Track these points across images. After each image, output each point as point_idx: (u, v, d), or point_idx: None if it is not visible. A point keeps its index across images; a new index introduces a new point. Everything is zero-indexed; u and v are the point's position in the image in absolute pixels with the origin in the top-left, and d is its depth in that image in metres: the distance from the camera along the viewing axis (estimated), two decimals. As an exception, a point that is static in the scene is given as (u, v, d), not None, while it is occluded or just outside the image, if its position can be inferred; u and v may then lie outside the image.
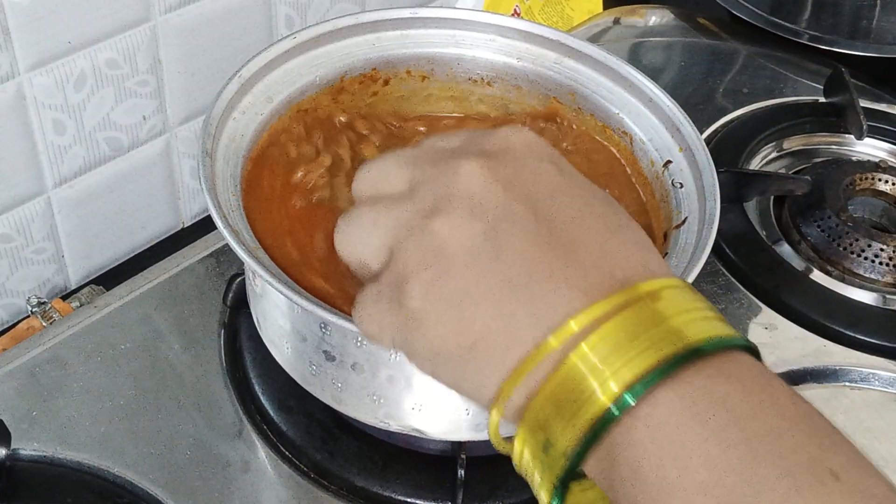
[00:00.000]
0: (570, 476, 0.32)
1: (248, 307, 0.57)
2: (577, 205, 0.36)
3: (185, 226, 0.82)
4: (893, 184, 0.79)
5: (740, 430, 0.30)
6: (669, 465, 0.30)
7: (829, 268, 0.74)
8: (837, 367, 0.66)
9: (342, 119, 0.59)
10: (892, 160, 0.85)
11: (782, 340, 0.68)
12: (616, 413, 0.31)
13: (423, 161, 0.38)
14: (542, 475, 0.33)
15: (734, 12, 0.99)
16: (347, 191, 0.53)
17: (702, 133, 0.64)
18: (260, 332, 0.55)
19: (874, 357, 0.67)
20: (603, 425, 0.31)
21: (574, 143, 0.60)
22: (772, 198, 0.79)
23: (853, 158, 0.85)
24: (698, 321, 0.33)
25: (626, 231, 0.36)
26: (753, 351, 0.33)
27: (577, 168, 0.39)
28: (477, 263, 0.34)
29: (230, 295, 0.62)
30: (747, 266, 0.72)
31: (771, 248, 0.75)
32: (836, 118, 0.86)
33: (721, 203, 0.51)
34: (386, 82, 0.60)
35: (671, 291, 0.34)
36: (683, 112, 0.55)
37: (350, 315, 0.43)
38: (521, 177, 0.36)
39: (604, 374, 0.32)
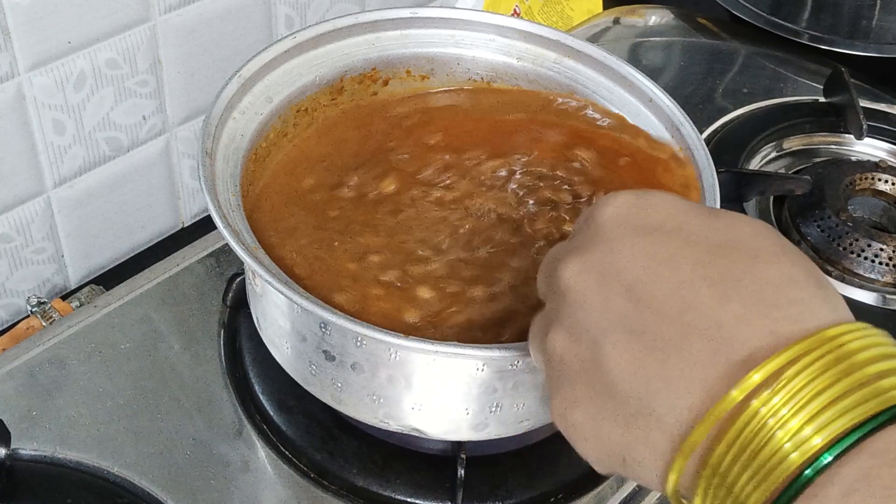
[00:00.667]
0: None
1: (248, 307, 0.57)
2: (685, 265, 0.33)
3: (185, 226, 0.82)
4: (893, 184, 0.79)
5: None
6: None
7: (828, 268, 0.74)
8: (837, 367, 0.66)
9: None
10: (892, 160, 0.85)
11: (782, 340, 0.68)
12: (811, 475, 0.29)
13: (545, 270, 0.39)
14: None
15: (734, 12, 0.99)
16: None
17: (701, 133, 0.64)
18: (260, 332, 0.55)
19: (874, 357, 0.67)
20: (798, 487, 0.29)
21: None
22: (771, 198, 0.80)
23: (853, 158, 0.85)
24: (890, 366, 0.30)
25: (772, 264, 0.33)
26: None
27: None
28: (592, 379, 0.34)
29: (230, 295, 0.62)
30: (747, 266, 0.72)
31: (771, 247, 0.74)
32: (835, 118, 0.86)
33: (721, 203, 0.51)
34: (386, 82, 0.60)
35: (858, 333, 0.30)
36: (683, 112, 0.55)
37: (352, 314, 0.44)
38: (612, 259, 0.34)
39: (804, 433, 0.29)
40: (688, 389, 0.31)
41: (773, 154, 0.84)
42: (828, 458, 0.28)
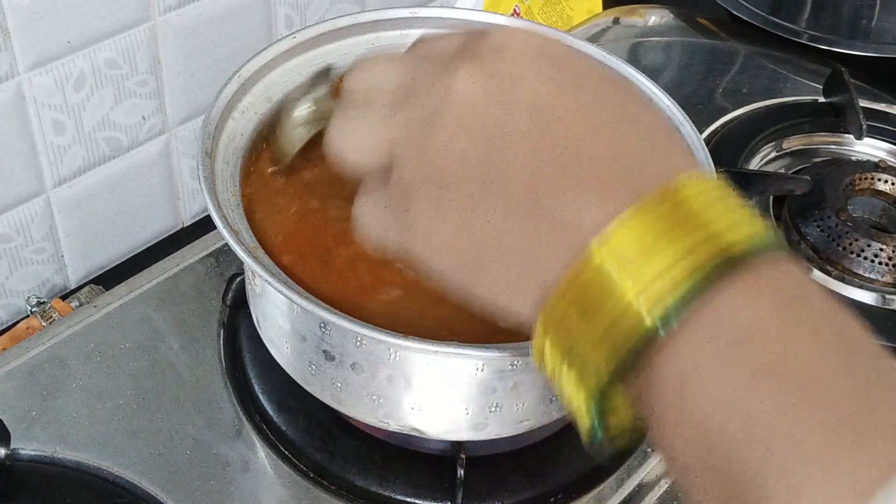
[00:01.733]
0: (606, 388, 0.31)
1: (248, 307, 0.57)
2: (584, 100, 0.33)
3: (185, 225, 0.82)
4: (893, 183, 0.79)
5: (776, 360, 0.28)
6: (694, 385, 0.29)
7: (828, 267, 0.74)
8: (837, 367, 0.66)
9: None
10: (892, 160, 0.85)
11: (782, 340, 0.68)
12: (651, 327, 0.29)
13: (421, 64, 0.36)
14: (575, 385, 0.32)
15: (734, 12, 0.99)
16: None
17: (701, 133, 0.64)
18: (259, 332, 0.55)
19: (874, 357, 0.67)
20: (643, 345, 0.29)
21: None
22: (771, 198, 0.80)
23: (853, 158, 0.85)
24: (732, 216, 0.30)
25: (642, 122, 0.34)
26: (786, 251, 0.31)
27: None
28: (480, 177, 0.33)
29: (230, 295, 0.62)
30: (747, 266, 0.72)
31: (770, 247, 0.75)
32: (835, 118, 0.86)
33: (720, 203, 0.51)
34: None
35: (701, 186, 0.31)
36: (683, 112, 0.55)
37: (351, 315, 0.43)
38: (520, 80, 0.34)
39: (638, 278, 0.29)
40: (560, 230, 0.32)
41: (773, 154, 0.84)
42: (672, 312, 0.29)
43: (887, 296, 0.72)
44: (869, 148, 0.85)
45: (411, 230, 0.35)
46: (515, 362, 0.46)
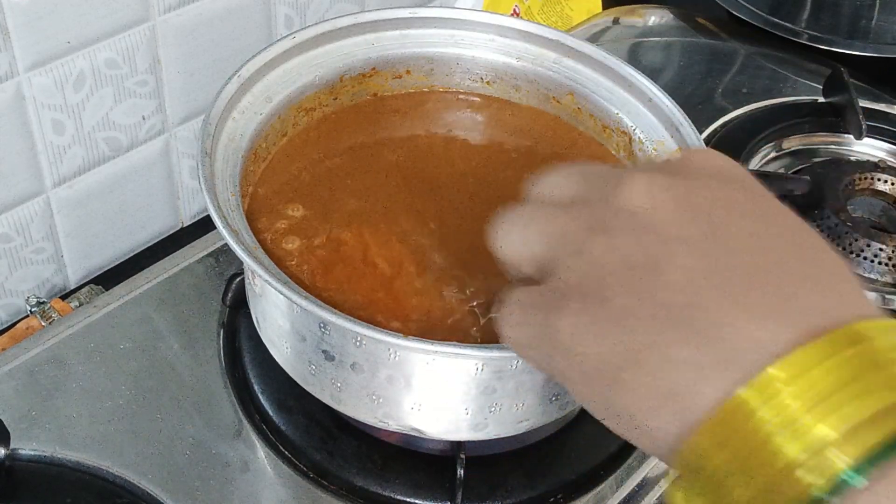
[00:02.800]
0: None
1: (248, 307, 0.57)
2: (762, 228, 0.31)
3: (185, 225, 0.82)
4: (892, 184, 0.79)
5: None
6: None
7: (828, 268, 0.74)
8: (837, 367, 0.66)
9: None
10: (892, 160, 0.85)
11: (782, 340, 0.68)
12: (849, 483, 0.25)
13: (598, 173, 0.36)
14: None
15: (733, 12, 0.99)
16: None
17: (701, 133, 0.64)
18: (259, 332, 0.55)
19: (873, 357, 0.67)
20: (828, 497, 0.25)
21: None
22: (771, 198, 0.80)
23: (852, 158, 0.85)
24: None
25: (824, 260, 0.31)
26: None
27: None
28: (636, 285, 0.31)
29: (229, 295, 0.62)
30: (747, 266, 0.72)
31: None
32: (835, 118, 0.86)
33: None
34: (385, 82, 0.61)
35: (890, 334, 0.27)
36: (683, 112, 0.55)
37: (348, 314, 0.44)
38: (695, 192, 0.32)
39: (815, 434, 0.25)
40: (713, 359, 0.28)
41: (773, 154, 0.84)
42: (855, 479, 0.24)
43: (887, 296, 0.72)
44: (869, 148, 0.85)
45: (557, 336, 0.32)
46: (515, 362, 0.46)
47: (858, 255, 0.73)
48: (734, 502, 0.26)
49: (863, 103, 0.85)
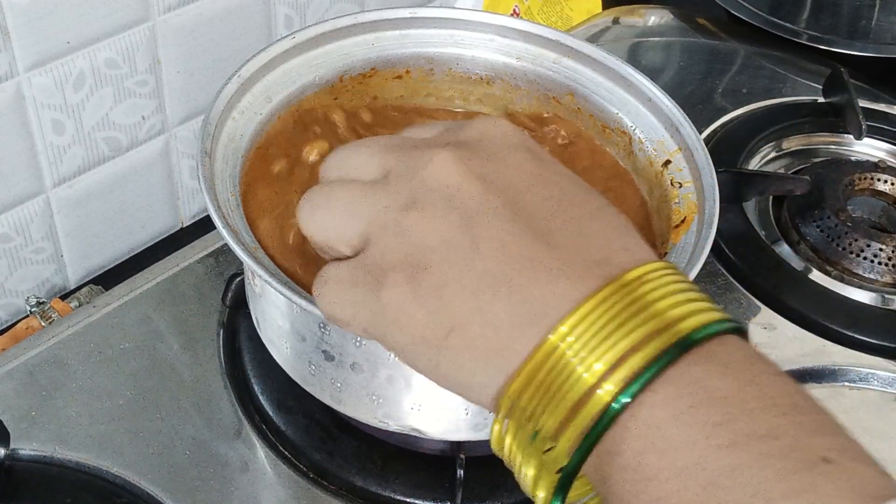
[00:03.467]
0: (571, 475, 0.32)
1: (248, 307, 0.57)
2: (553, 192, 0.36)
3: (184, 226, 0.82)
4: (892, 184, 0.79)
5: (727, 420, 0.30)
6: (653, 455, 0.30)
7: (828, 268, 0.74)
8: (836, 367, 0.66)
9: (341, 113, 0.59)
10: (891, 160, 0.85)
11: (781, 340, 0.68)
12: (617, 408, 0.31)
13: (399, 150, 0.38)
14: (536, 469, 0.33)
15: (733, 12, 0.99)
16: None
17: (701, 133, 0.64)
18: (259, 332, 0.55)
19: (873, 357, 0.67)
20: (603, 425, 0.31)
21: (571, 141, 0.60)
22: (771, 198, 0.80)
23: (852, 158, 0.85)
24: (686, 305, 0.33)
25: (605, 216, 0.36)
26: (742, 331, 0.33)
27: (574, 167, 0.39)
28: (454, 257, 0.34)
29: (229, 295, 0.62)
30: (746, 266, 0.72)
31: (770, 248, 0.75)
32: (835, 118, 0.86)
33: (720, 203, 0.51)
34: (385, 82, 0.60)
35: (656, 274, 0.33)
36: (682, 112, 0.55)
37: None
38: (496, 167, 0.36)
39: (596, 368, 0.31)
40: (525, 313, 0.33)
41: (773, 154, 0.84)
42: (628, 396, 0.31)
43: (887, 296, 0.72)
44: (868, 148, 0.85)
45: (383, 309, 0.35)
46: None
47: (858, 255, 0.73)
48: (542, 428, 0.32)
49: (863, 103, 0.85)
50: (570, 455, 0.32)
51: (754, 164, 0.82)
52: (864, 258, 0.73)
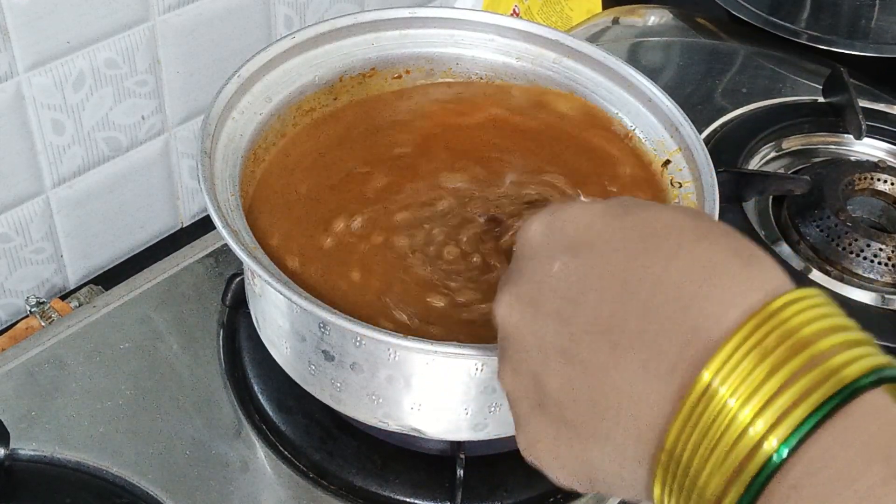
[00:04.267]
0: None
1: (247, 307, 0.57)
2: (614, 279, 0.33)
3: (184, 226, 0.82)
4: (892, 184, 0.79)
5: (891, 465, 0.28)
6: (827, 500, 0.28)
7: (827, 268, 0.74)
8: (836, 367, 0.66)
9: None
10: (891, 160, 0.85)
11: (781, 340, 0.68)
12: (777, 462, 0.29)
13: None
14: None
15: (733, 12, 0.99)
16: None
17: (701, 133, 0.64)
18: (259, 332, 0.55)
19: (873, 357, 0.67)
20: (764, 477, 0.29)
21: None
22: (770, 198, 0.80)
23: (852, 158, 0.85)
24: (847, 348, 0.30)
25: (739, 245, 0.33)
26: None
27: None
28: (543, 411, 0.35)
29: (229, 295, 0.62)
30: (746, 266, 0.72)
31: (770, 247, 0.75)
32: (834, 118, 0.86)
33: (720, 203, 0.51)
34: (385, 82, 0.61)
35: (799, 305, 0.31)
36: (682, 112, 0.55)
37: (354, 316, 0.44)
38: (542, 286, 0.35)
39: (750, 419, 0.29)
40: (634, 401, 0.32)
41: (773, 154, 0.84)
42: (784, 452, 0.28)
43: (887, 296, 0.72)
44: (868, 148, 0.85)
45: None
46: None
47: (858, 255, 0.73)
48: (706, 480, 0.30)
49: (862, 103, 0.85)
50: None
51: (754, 164, 0.82)
52: (864, 258, 0.73)
